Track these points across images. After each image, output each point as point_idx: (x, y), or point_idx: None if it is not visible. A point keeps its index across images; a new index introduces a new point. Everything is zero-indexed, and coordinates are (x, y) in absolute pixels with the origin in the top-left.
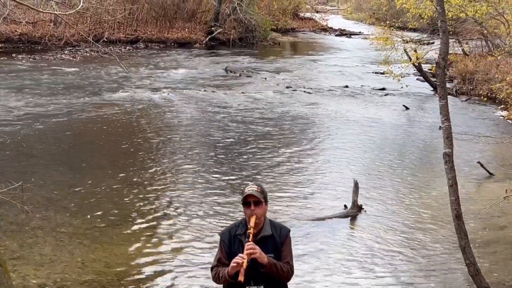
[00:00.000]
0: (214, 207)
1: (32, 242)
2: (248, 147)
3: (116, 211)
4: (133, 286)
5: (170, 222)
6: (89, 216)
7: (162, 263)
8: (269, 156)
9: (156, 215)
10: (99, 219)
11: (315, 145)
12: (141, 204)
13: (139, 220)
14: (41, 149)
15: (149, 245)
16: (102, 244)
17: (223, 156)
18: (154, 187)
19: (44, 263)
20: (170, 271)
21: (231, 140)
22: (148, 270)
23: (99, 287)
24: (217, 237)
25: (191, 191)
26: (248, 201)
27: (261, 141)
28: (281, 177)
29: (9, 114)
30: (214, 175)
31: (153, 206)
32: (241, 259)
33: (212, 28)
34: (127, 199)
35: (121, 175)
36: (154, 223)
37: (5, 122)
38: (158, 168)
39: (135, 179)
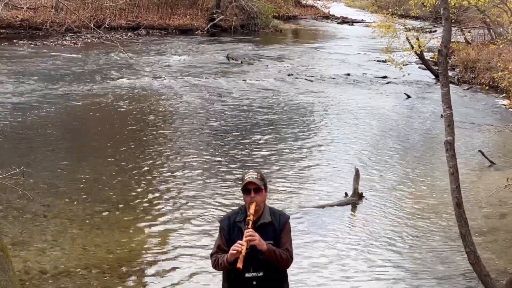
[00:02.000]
0: (214, 194)
1: (33, 227)
2: (249, 135)
3: (117, 197)
4: (134, 272)
5: (170, 208)
6: (90, 202)
7: (162, 249)
8: (269, 144)
9: (156, 201)
10: (100, 205)
11: (316, 133)
12: (142, 190)
13: (140, 206)
14: (42, 135)
15: (149, 231)
16: (103, 229)
17: (223, 143)
18: (155, 174)
19: (46, 249)
20: (170, 257)
21: (232, 127)
22: (148, 256)
23: (100, 273)
24: (217, 224)
25: (191, 178)
26: (248, 188)
27: (261, 129)
28: (281, 164)
29: (10, 100)
30: (214, 163)
31: (154, 193)
32: (240, 246)
33: (214, 15)
34: (128, 185)
35: (122, 161)
36: (155, 209)
37: (6, 108)
38: (159, 155)
39: (135, 166)
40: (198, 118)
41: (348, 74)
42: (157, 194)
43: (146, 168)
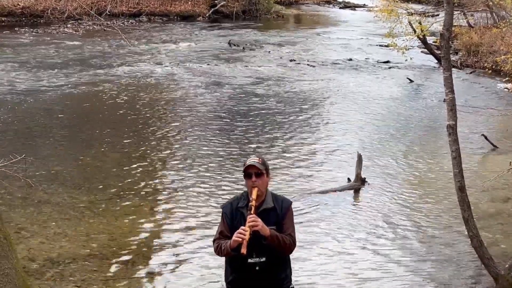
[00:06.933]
0: (216, 180)
1: (37, 215)
2: (251, 121)
3: (119, 184)
4: (137, 258)
5: (173, 194)
6: (93, 189)
7: (165, 235)
8: (272, 130)
9: (159, 187)
10: (103, 192)
11: (318, 118)
12: (145, 177)
13: (143, 193)
14: (44, 123)
15: (152, 217)
16: (106, 216)
17: (225, 129)
18: (157, 161)
19: (49, 236)
20: (173, 243)
21: (234, 113)
22: (151, 242)
23: (103, 259)
24: (219, 210)
25: (193, 164)
26: (250, 172)
27: (264, 115)
28: (284, 150)
29: (12, 88)
30: (216, 149)
31: (156, 179)
32: (243, 232)
33: (215, 1)
34: (130, 172)
35: (124, 148)
36: (157, 195)
37: (7, 96)
38: (161, 142)
39: (138, 153)
40: (200, 105)
41: (351, 59)
42: (159, 181)
43: (147, 155)
